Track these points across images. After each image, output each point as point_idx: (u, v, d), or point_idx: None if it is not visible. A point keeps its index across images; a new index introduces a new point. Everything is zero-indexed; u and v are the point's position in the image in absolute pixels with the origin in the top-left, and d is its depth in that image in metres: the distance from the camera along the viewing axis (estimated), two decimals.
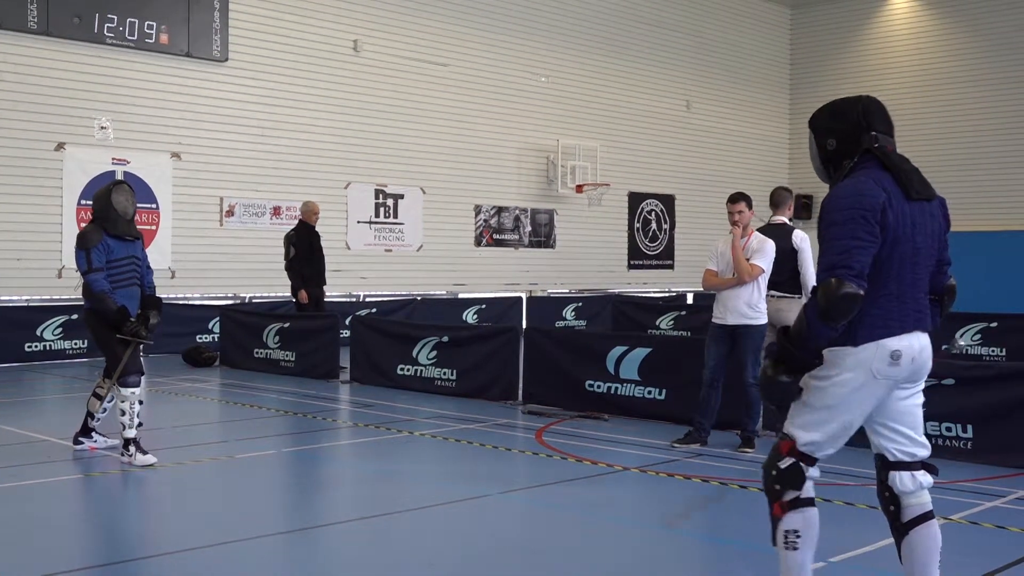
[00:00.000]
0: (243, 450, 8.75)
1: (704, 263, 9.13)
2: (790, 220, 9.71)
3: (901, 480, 4.09)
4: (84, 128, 16.35)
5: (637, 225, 25.05)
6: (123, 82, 16.72)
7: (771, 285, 9.46)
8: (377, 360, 13.05)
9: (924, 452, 4.13)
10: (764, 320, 8.79)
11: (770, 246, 8.84)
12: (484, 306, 21.22)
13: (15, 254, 15.69)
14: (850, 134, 4.04)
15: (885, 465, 4.13)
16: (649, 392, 10.30)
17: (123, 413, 8.04)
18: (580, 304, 22.45)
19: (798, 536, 4.03)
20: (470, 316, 20.83)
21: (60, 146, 16.11)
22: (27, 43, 15.73)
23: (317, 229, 14.82)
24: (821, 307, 3.78)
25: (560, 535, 6.25)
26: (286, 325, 14.44)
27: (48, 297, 16.15)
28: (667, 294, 25.28)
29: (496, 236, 22.07)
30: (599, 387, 10.63)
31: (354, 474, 8.24)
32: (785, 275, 9.42)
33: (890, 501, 4.14)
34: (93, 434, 8.66)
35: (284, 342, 14.31)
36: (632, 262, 25.01)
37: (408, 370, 12.63)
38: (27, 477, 7.56)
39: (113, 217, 8.14)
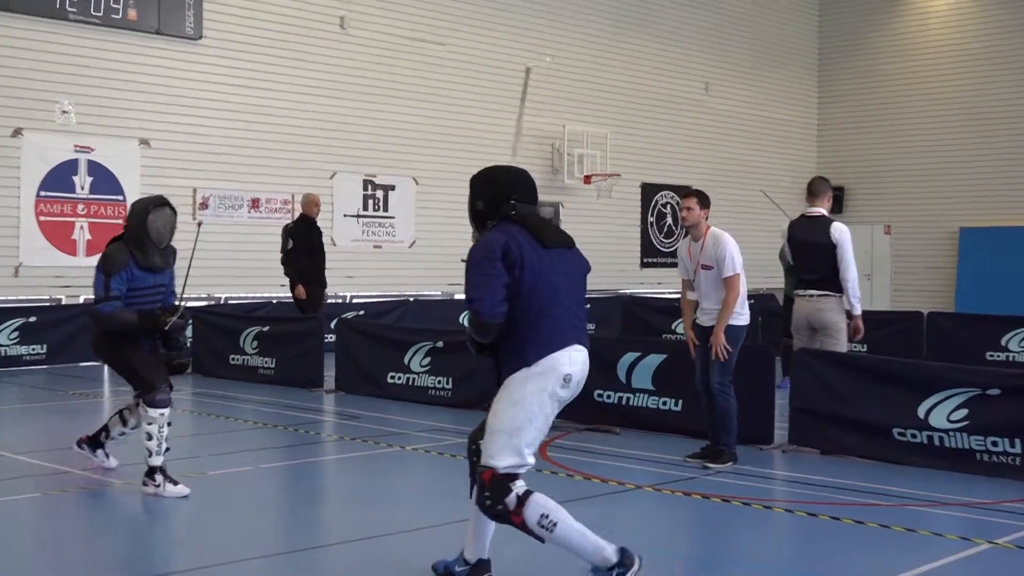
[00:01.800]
0: (217, 466, 8.72)
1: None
2: (828, 212, 9.69)
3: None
4: (44, 112, 16.34)
5: (651, 219, 25.04)
6: (87, 62, 16.72)
7: (807, 283, 9.45)
8: (365, 367, 13.03)
9: None
10: (740, 321, 8.76)
11: (729, 245, 8.74)
12: None
13: None
14: (494, 200, 5.28)
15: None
16: (664, 403, 10.28)
17: (150, 437, 7.70)
18: (588, 306, 22.37)
19: (547, 516, 4.97)
20: (467, 319, 20.78)
21: (17, 132, 16.11)
22: None
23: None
24: (471, 331, 5.26)
25: (566, 560, 6.23)
26: (265, 329, 14.42)
27: (3, 298, 16.13)
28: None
29: None
30: (609, 397, 10.61)
31: (340, 492, 8.22)
32: (823, 271, 9.39)
33: (475, 453, 5.36)
34: (99, 451, 8.45)
35: (263, 347, 14.30)
36: (645, 260, 25.00)
37: (399, 378, 12.61)
38: None
39: (145, 245, 7.79)
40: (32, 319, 15.66)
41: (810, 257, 9.55)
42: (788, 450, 9.40)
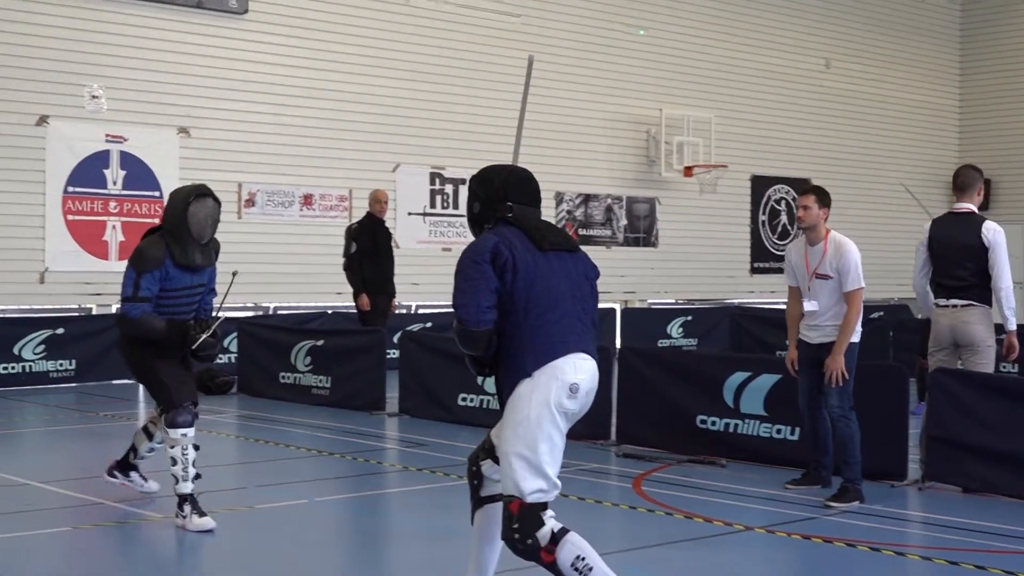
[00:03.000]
0: (266, 499, 8.84)
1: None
2: (977, 209, 9.54)
3: (491, 467, 5.57)
4: (71, 98, 16.69)
5: (762, 218, 24.87)
6: (119, 40, 17.05)
7: (950, 291, 9.31)
8: (432, 387, 13.11)
9: None
10: (857, 339, 8.86)
11: (853, 254, 8.83)
12: None
13: None
14: (490, 202, 5.58)
15: (491, 452, 5.55)
16: (778, 431, 10.21)
17: (174, 462, 7.84)
18: (689, 318, 22.35)
19: (583, 559, 5.13)
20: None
21: (42, 120, 16.46)
22: None
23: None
24: (458, 341, 5.44)
25: None
26: (319, 343, 14.57)
27: (28, 307, 16.50)
28: None
29: (582, 231, 22.08)
30: (713, 424, 10.57)
31: (404, 530, 8.28)
32: (972, 278, 9.24)
33: (476, 476, 5.65)
34: (132, 474, 8.68)
35: (317, 364, 14.45)
36: (756, 265, 24.83)
37: (471, 400, 12.67)
38: (3, 529, 7.71)
39: (184, 240, 7.88)
40: (59, 331, 16.00)
41: (956, 261, 9.35)
42: (924, 487, 9.29)
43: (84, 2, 16.70)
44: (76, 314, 16.83)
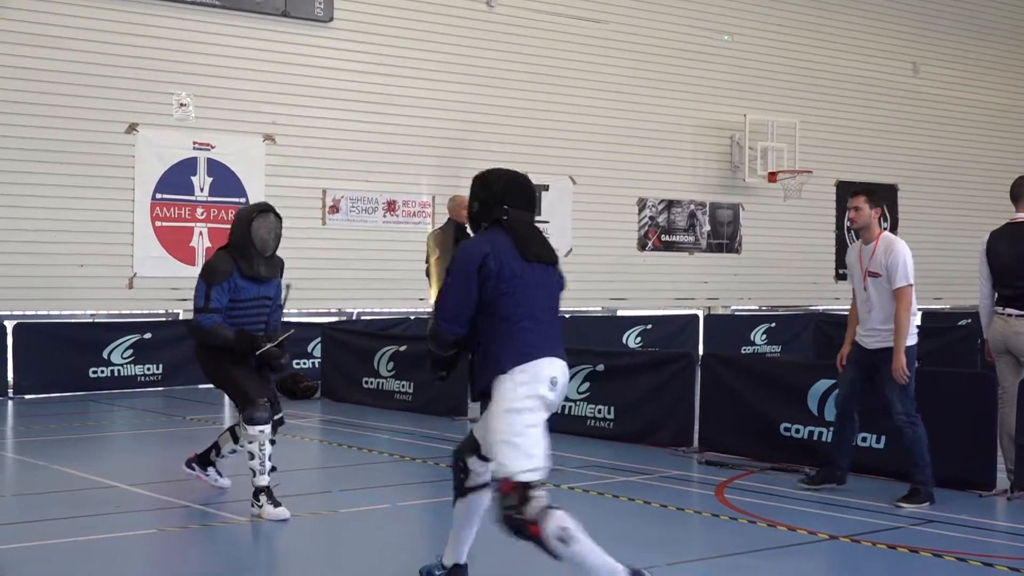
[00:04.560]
0: (350, 503, 8.93)
1: (934, 271, 9.03)
2: None
3: (476, 462, 6.14)
4: (160, 106, 16.97)
5: (847, 223, 24.60)
6: (207, 49, 17.31)
7: (1007, 300, 9.32)
8: None
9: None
10: (911, 341, 9.06)
11: (902, 252, 9.06)
12: (649, 326, 21.14)
13: (77, 259, 16.38)
14: (488, 204, 6.14)
15: (475, 450, 6.11)
16: (863, 439, 10.10)
17: (252, 456, 8.32)
18: (773, 325, 22.19)
19: (566, 529, 5.53)
20: (632, 339, 20.78)
21: (132, 128, 16.74)
22: (94, 3, 16.42)
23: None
24: (428, 335, 6.16)
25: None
26: (402, 349, 14.66)
27: (117, 312, 16.78)
28: None
29: (665, 238, 22.01)
30: (797, 432, 10.49)
31: (486, 535, 8.30)
32: None
33: (462, 471, 6.20)
34: (210, 469, 9.14)
35: (400, 370, 14.53)
36: (841, 271, 24.55)
37: None
38: (93, 530, 7.86)
39: (250, 254, 8.53)
40: (147, 336, 16.26)
41: (1012, 271, 9.45)
42: (1013, 497, 9.15)
43: (172, 12, 16.96)
44: (163, 319, 17.09)
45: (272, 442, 8.43)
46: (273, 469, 8.37)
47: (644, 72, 21.60)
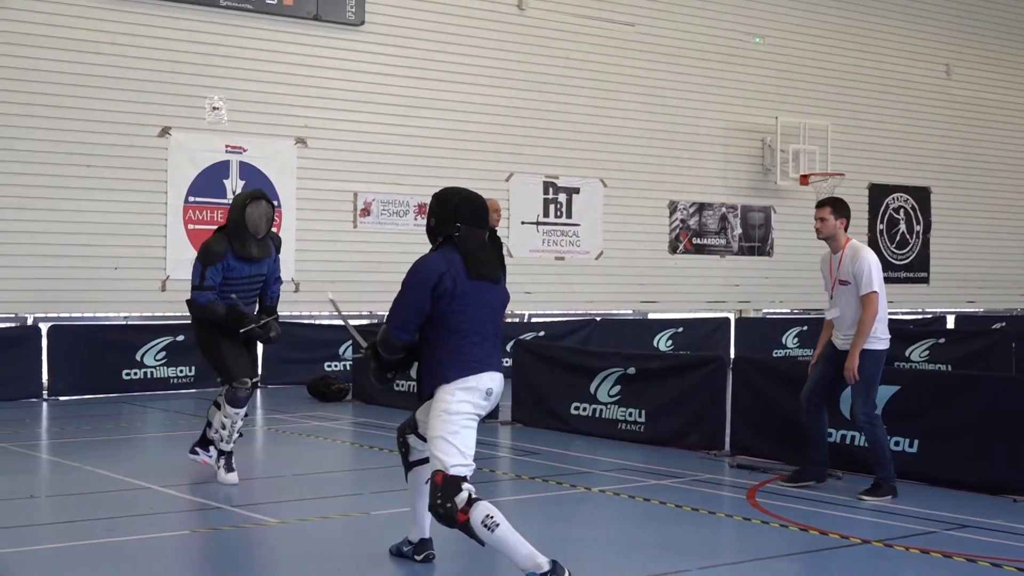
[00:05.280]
0: (381, 505, 8.92)
1: (968, 274, 9.08)
2: None
3: (415, 440, 6.93)
4: (193, 109, 17.05)
5: (880, 227, 24.52)
6: (239, 52, 17.38)
7: None
8: (545, 397, 13.14)
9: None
10: (880, 346, 9.41)
11: (868, 259, 9.39)
12: (681, 329, 21.11)
13: (111, 261, 16.46)
14: (444, 220, 6.61)
15: (415, 428, 6.87)
16: (896, 443, 10.05)
17: (222, 427, 9.49)
18: (805, 328, 22.09)
19: (491, 517, 6.14)
20: (663, 342, 20.75)
21: (165, 131, 16.83)
22: (126, 7, 16.51)
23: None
24: (379, 340, 6.64)
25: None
26: None
27: (150, 314, 16.87)
28: (920, 316, 24.61)
29: (696, 241, 21.96)
30: (830, 435, 10.42)
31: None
32: None
33: (403, 445, 7.03)
34: (211, 448, 9.81)
35: None
36: None
37: (584, 409, 12.67)
38: (126, 532, 7.90)
39: (242, 236, 9.37)
40: (180, 338, 16.32)
41: None
42: None
43: (205, 16, 17.04)
44: None
45: (245, 414, 9.64)
46: (240, 435, 9.63)
47: (675, 74, 21.56)
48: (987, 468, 9.22)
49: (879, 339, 9.39)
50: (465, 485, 6.29)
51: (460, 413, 6.39)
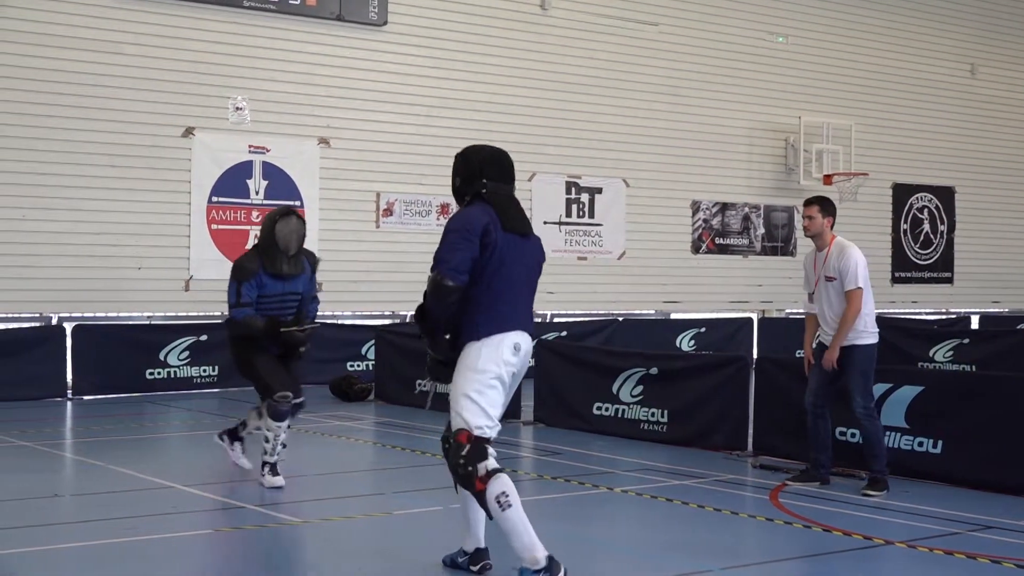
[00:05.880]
0: (403, 505, 8.94)
1: (992, 274, 9.09)
2: None
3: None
4: (216, 110, 17.11)
5: (904, 227, 24.43)
6: (262, 53, 17.43)
7: None
8: (567, 397, 13.14)
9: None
10: (871, 340, 9.51)
11: (854, 256, 9.56)
12: (703, 329, 21.07)
13: (134, 261, 16.54)
14: (469, 178, 6.53)
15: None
16: (920, 443, 10.02)
17: (267, 441, 9.44)
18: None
19: (507, 495, 6.01)
20: (685, 342, 20.72)
21: (188, 131, 16.89)
22: (149, 8, 16.58)
23: None
24: (429, 291, 6.30)
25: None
26: None
27: (173, 314, 16.93)
28: (944, 316, 24.51)
29: (719, 240, 21.92)
30: (853, 436, 10.39)
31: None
32: None
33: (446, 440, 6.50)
34: (236, 444, 10.05)
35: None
36: (897, 275, 24.39)
37: (607, 409, 12.66)
38: (148, 531, 7.92)
39: (272, 253, 9.40)
40: (203, 338, 16.39)
41: None
42: None
43: (228, 16, 17.10)
44: (219, 321, 17.14)
45: (288, 426, 9.51)
46: (283, 446, 9.52)
47: (698, 74, 21.53)
48: (1011, 469, 9.17)
49: (869, 334, 9.51)
50: (491, 451, 6.17)
51: (486, 371, 6.21)
